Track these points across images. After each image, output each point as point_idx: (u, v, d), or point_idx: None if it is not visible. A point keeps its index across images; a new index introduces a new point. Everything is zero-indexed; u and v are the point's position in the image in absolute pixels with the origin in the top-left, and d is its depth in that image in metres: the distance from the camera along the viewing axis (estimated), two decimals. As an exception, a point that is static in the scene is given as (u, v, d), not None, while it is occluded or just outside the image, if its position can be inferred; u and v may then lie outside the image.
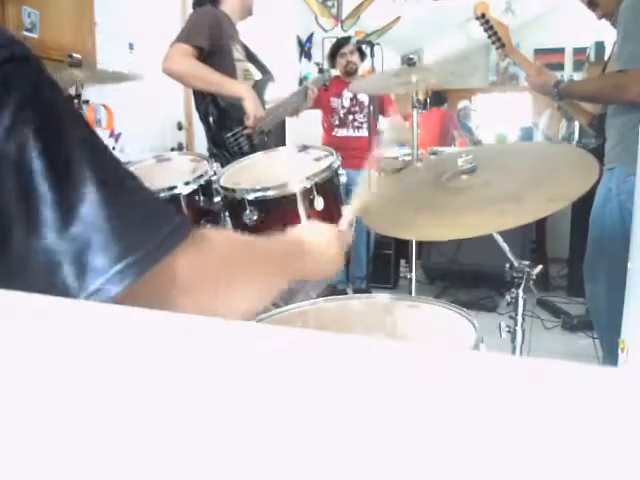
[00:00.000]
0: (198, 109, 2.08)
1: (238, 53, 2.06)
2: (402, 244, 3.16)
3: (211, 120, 2.00)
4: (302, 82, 4.65)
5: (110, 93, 2.57)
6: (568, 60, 7.02)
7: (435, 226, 1.05)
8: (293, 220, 1.16)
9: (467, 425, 0.15)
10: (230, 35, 2.05)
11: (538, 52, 6.95)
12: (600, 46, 4.56)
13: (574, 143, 3.51)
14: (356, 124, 3.21)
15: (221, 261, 0.53)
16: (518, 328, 1.19)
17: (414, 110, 1.98)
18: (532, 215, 0.97)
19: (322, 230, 0.81)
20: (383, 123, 3.20)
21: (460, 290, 3.29)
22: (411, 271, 2.02)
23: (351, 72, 3.17)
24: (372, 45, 2.78)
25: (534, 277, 1.17)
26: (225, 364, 0.19)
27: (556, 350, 2.54)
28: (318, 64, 3.87)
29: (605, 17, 1.84)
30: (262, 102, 2.01)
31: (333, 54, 3.25)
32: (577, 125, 3.49)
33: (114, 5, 2.70)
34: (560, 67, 6.78)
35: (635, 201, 1.36)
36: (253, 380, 0.18)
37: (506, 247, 1.20)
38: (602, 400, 0.16)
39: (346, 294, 2.40)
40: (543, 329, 2.81)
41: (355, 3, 4.87)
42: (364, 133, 3.13)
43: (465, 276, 3.31)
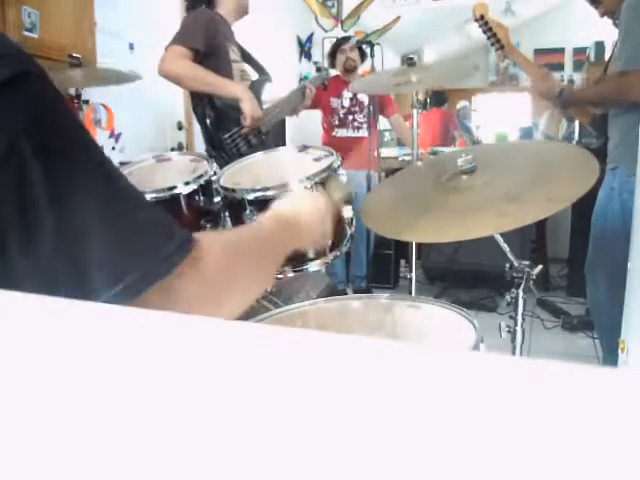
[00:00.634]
0: (195, 111, 2.08)
1: (234, 54, 2.06)
2: (402, 244, 3.16)
3: (208, 122, 2.00)
4: (302, 82, 4.65)
5: (110, 93, 2.57)
6: (568, 60, 7.02)
7: (435, 227, 1.05)
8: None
9: (467, 425, 0.15)
10: (226, 36, 2.05)
11: (538, 52, 6.95)
12: (600, 46, 4.56)
13: (574, 143, 3.51)
14: (356, 124, 3.20)
15: (218, 275, 0.53)
16: (518, 328, 1.18)
17: (414, 110, 1.98)
18: (532, 216, 0.97)
19: (307, 198, 0.81)
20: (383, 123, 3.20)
21: (460, 290, 3.29)
22: (411, 271, 2.02)
23: (350, 69, 3.16)
24: (372, 45, 2.78)
25: (534, 277, 1.17)
26: (225, 364, 0.19)
27: (556, 350, 2.54)
28: (316, 63, 3.87)
29: (607, 15, 1.84)
30: (259, 102, 2.01)
31: (333, 52, 3.25)
32: (577, 125, 3.49)
33: (114, 5, 2.70)
34: (560, 67, 6.78)
35: (635, 201, 1.36)
36: (253, 380, 0.18)
37: (506, 247, 1.20)
38: (602, 400, 0.16)
39: (346, 294, 2.40)
40: (543, 329, 2.81)
41: (355, 3, 4.87)
42: (364, 133, 3.13)
43: (465, 276, 3.31)
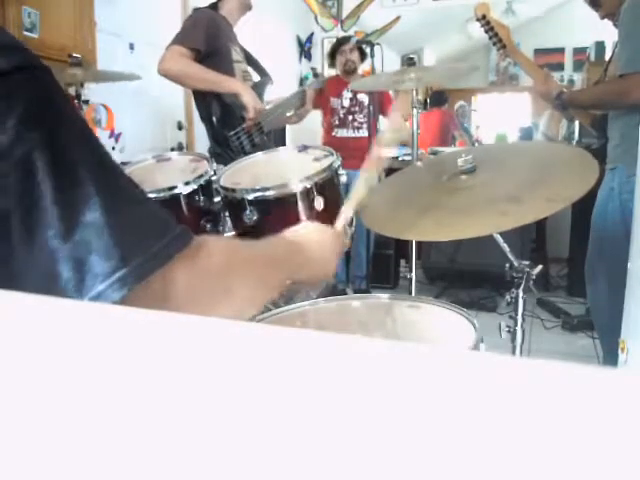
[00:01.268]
0: (199, 109, 2.08)
1: (237, 54, 2.07)
2: (402, 244, 3.16)
3: (214, 119, 2.00)
4: (302, 82, 4.65)
5: (110, 93, 2.57)
6: (568, 60, 7.02)
7: (435, 226, 1.05)
8: (293, 220, 1.15)
9: (467, 425, 0.15)
10: (228, 37, 2.05)
11: (538, 52, 6.95)
12: (600, 46, 4.56)
13: (574, 143, 3.51)
14: (356, 124, 3.20)
15: (220, 269, 0.54)
16: (518, 328, 1.19)
17: (414, 110, 1.98)
18: (532, 216, 0.97)
19: (319, 231, 0.81)
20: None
21: (460, 290, 3.29)
22: (411, 271, 2.02)
23: (350, 71, 3.16)
24: (372, 45, 2.78)
25: (534, 277, 1.17)
26: (225, 364, 0.19)
27: (556, 350, 2.54)
28: (314, 69, 3.89)
29: (608, 17, 1.84)
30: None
31: (333, 53, 3.25)
32: (577, 125, 3.49)
33: (114, 5, 2.70)
34: (560, 67, 6.79)
35: (635, 201, 1.36)
36: (253, 380, 0.18)
37: (506, 247, 1.20)
38: (602, 400, 0.16)
39: (346, 294, 2.40)
40: (543, 329, 2.81)
41: (355, 3, 4.87)
42: (364, 133, 3.13)
43: (465, 276, 3.31)
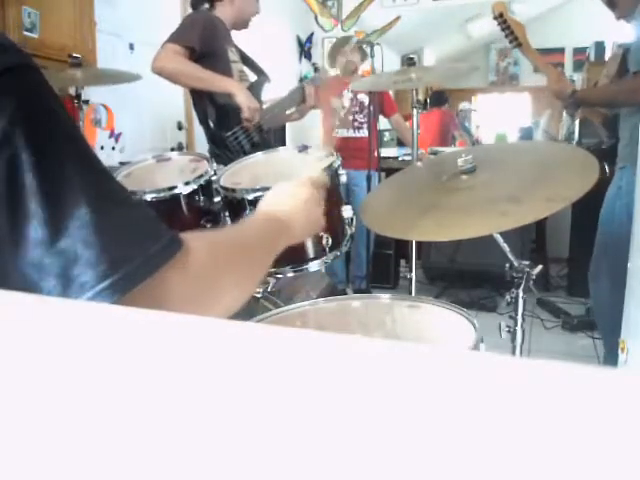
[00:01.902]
0: (197, 111, 2.08)
1: (233, 55, 2.07)
2: (402, 244, 3.16)
3: (210, 120, 2.00)
4: (302, 82, 4.64)
5: (110, 93, 2.57)
6: (568, 60, 7.01)
7: (435, 226, 1.05)
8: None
9: (467, 425, 0.15)
10: (224, 38, 2.05)
11: (538, 52, 6.95)
12: (600, 46, 4.56)
13: (574, 143, 3.51)
14: (356, 124, 3.20)
15: (209, 271, 0.53)
16: (518, 328, 1.19)
17: (414, 110, 1.98)
18: (532, 216, 0.97)
19: (291, 193, 0.78)
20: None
21: (460, 290, 3.29)
22: (411, 271, 2.02)
23: (350, 71, 3.16)
24: (372, 45, 2.78)
25: (534, 277, 1.17)
26: (224, 364, 0.19)
27: (556, 350, 2.54)
28: (314, 64, 3.91)
29: (623, 18, 1.84)
30: (259, 103, 2.02)
31: (333, 53, 3.25)
32: (577, 125, 3.49)
33: (114, 5, 2.70)
34: (560, 67, 6.78)
35: (635, 201, 1.36)
36: (253, 380, 0.18)
37: (506, 247, 1.20)
38: (602, 400, 0.16)
39: (346, 294, 2.40)
40: (543, 329, 2.81)
41: (355, 3, 4.87)
42: (364, 133, 3.13)
43: (465, 276, 3.31)
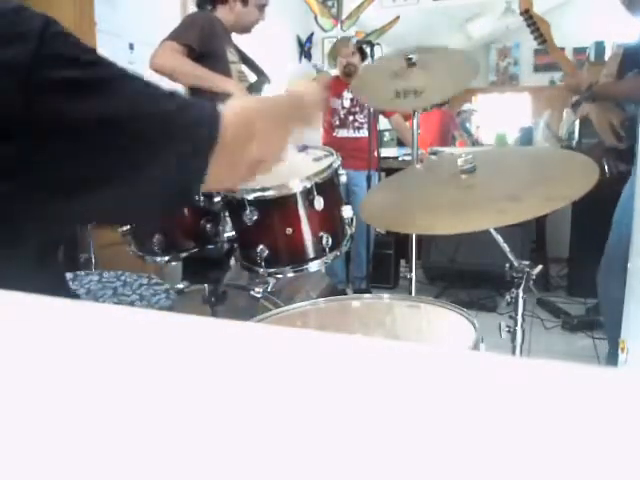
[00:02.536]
0: None
1: (232, 55, 2.07)
2: (402, 244, 3.15)
3: None
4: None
5: (110, 93, 2.57)
6: (568, 60, 7.01)
7: (433, 220, 1.05)
8: (293, 220, 1.16)
9: (467, 425, 0.15)
10: (223, 38, 2.05)
11: (538, 52, 6.92)
12: (600, 46, 4.55)
13: (574, 142, 3.51)
14: (356, 124, 3.20)
15: (236, 142, 0.66)
16: (518, 328, 1.18)
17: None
18: (531, 213, 0.97)
19: (299, 84, 1.00)
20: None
21: (460, 290, 3.28)
22: (411, 271, 2.02)
23: (350, 73, 3.16)
24: (372, 45, 2.78)
25: (534, 277, 1.17)
26: (225, 364, 0.19)
27: (556, 350, 2.54)
28: (315, 65, 3.93)
29: None
30: None
31: (333, 54, 3.25)
32: (577, 125, 3.49)
33: (114, 5, 2.70)
34: (560, 67, 6.77)
35: (635, 201, 1.36)
36: (253, 380, 0.18)
37: (506, 247, 1.20)
38: (602, 400, 0.16)
39: (346, 294, 2.40)
40: (543, 329, 2.81)
41: (355, 3, 4.86)
42: (364, 133, 3.13)
43: (465, 276, 3.31)
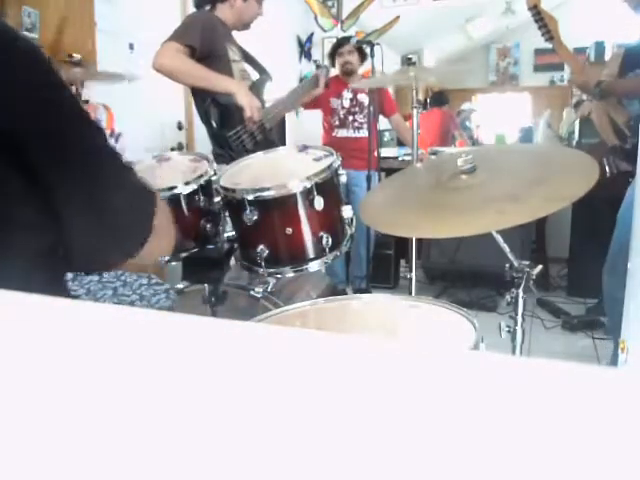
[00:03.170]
0: (198, 111, 2.08)
1: (234, 54, 2.07)
2: (402, 244, 3.15)
3: (213, 120, 2.00)
4: (302, 81, 4.64)
5: (110, 93, 2.57)
6: (568, 60, 6.99)
7: (434, 223, 1.05)
8: (293, 220, 1.16)
9: (467, 425, 0.15)
10: (225, 37, 2.06)
11: (538, 52, 6.93)
12: (600, 46, 4.56)
13: (574, 142, 3.51)
14: (356, 125, 3.20)
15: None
16: (518, 328, 1.19)
17: (414, 110, 1.98)
18: (531, 214, 0.97)
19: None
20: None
21: (460, 290, 3.28)
22: (411, 271, 2.02)
23: (348, 72, 3.16)
24: (372, 45, 2.77)
25: (534, 277, 1.17)
26: (225, 364, 0.19)
27: (556, 350, 2.54)
28: (316, 61, 3.93)
29: None
30: (261, 102, 2.02)
31: (332, 54, 3.25)
32: (577, 125, 3.49)
33: (114, 5, 2.70)
34: (560, 67, 6.75)
35: (635, 201, 1.36)
36: (253, 380, 0.18)
37: (506, 247, 1.20)
38: (602, 400, 0.16)
39: (346, 294, 2.40)
40: (543, 329, 2.81)
41: (355, 3, 4.86)
42: (364, 134, 3.13)
43: (465, 276, 3.31)
